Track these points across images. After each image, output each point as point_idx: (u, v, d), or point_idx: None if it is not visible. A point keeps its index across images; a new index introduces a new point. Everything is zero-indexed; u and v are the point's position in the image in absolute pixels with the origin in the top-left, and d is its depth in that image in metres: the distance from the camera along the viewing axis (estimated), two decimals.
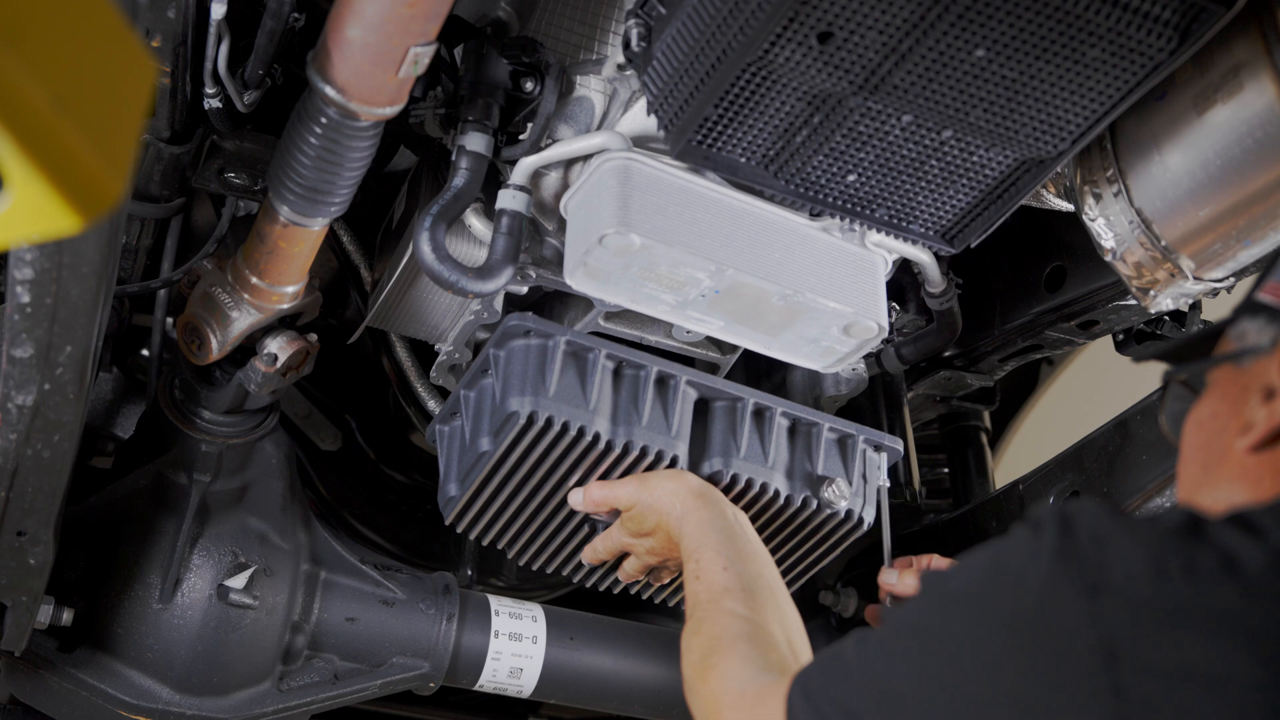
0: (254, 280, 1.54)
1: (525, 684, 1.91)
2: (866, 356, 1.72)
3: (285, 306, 1.59)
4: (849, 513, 1.60)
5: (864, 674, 0.97)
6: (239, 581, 1.72)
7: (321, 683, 1.83)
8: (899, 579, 1.52)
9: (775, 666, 1.18)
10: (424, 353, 1.92)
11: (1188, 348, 1.11)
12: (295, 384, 1.91)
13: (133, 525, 1.72)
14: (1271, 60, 1.27)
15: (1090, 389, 2.89)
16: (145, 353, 2.05)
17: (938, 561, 1.54)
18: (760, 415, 1.58)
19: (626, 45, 1.38)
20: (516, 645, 1.90)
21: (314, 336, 1.66)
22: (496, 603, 1.94)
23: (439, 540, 2.40)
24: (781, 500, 1.57)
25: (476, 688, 1.92)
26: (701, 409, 1.57)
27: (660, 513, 1.44)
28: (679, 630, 1.34)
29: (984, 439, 2.37)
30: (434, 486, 2.41)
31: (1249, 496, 0.93)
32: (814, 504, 1.58)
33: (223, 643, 1.71)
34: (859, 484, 1.62)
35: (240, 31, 1.34)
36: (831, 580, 2.25)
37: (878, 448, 1.66)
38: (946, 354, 2.05)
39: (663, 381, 1.54)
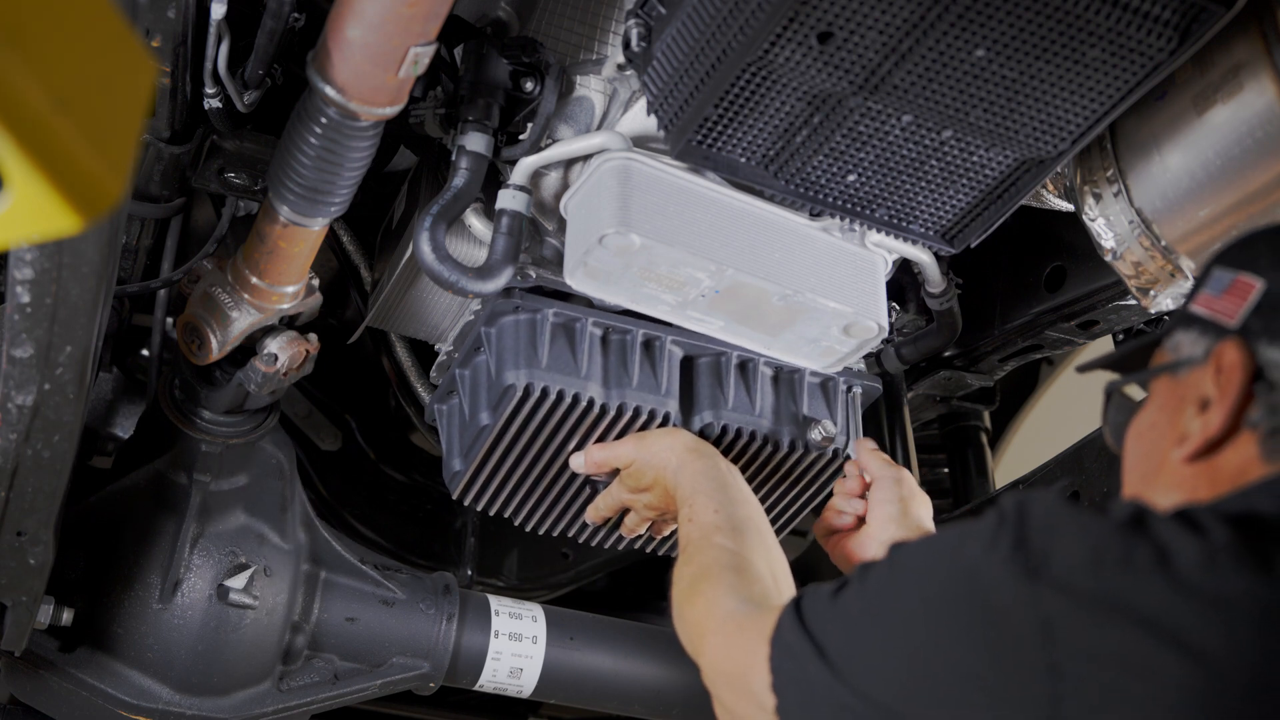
0: (254, 280, 1.54)
1: (525, 684, 1.91)
2: (866, 356, 1.72)
3: (285, 306, 1.59)
4: (836, 452, 1.64)
5: (836, 631, 1.01)
6: (239, 581, 1.72)
7: (321, 683, 1.83)
8: (868, 453, 1.57)
9: (759, 598, 1.22)
10: (424, 353, 1.92)
11: (1131, 358, 1.13)
12: (295, 384, 1.90)
13: (133, 525, 1.72)
14: (1271, 60, 1.27)
15: (1090, 389, 2.89)
16: (145, 353, 2.05)
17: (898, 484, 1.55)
18: (744, 367, 1.62)
19: (626, 45, 1.38)
20: (516, 645, 1.90)
21: (314, 337, 1.66)
22: (496, 603, 1.94)
23: (439, 540, 2.40)
24: (771, 445, 1.61)
25: (476, 688, 1.92)
26: (687, 366, 1.61)
27: (657, 468, 1.49)
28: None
29: (984, 439, 2.36)
30: (434, 486, 2.43)
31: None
32: (802, 446, 1.62)
33: (223, 643, 1.71)
34: (843, 423, 1.66)
35: (240, 31, 1.34)
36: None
37: (857, 388, 1.70)
38: (946, 354, 2.05)
39: (649, 343, 1.58)
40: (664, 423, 1.55)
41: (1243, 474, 0.94)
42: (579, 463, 1.58)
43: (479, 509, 1.67)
